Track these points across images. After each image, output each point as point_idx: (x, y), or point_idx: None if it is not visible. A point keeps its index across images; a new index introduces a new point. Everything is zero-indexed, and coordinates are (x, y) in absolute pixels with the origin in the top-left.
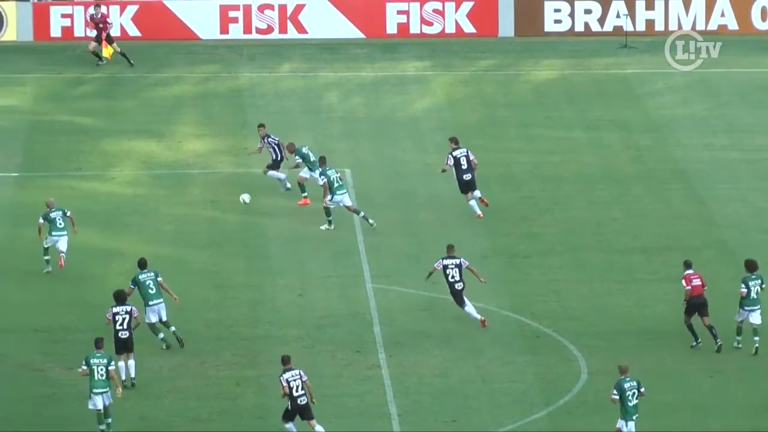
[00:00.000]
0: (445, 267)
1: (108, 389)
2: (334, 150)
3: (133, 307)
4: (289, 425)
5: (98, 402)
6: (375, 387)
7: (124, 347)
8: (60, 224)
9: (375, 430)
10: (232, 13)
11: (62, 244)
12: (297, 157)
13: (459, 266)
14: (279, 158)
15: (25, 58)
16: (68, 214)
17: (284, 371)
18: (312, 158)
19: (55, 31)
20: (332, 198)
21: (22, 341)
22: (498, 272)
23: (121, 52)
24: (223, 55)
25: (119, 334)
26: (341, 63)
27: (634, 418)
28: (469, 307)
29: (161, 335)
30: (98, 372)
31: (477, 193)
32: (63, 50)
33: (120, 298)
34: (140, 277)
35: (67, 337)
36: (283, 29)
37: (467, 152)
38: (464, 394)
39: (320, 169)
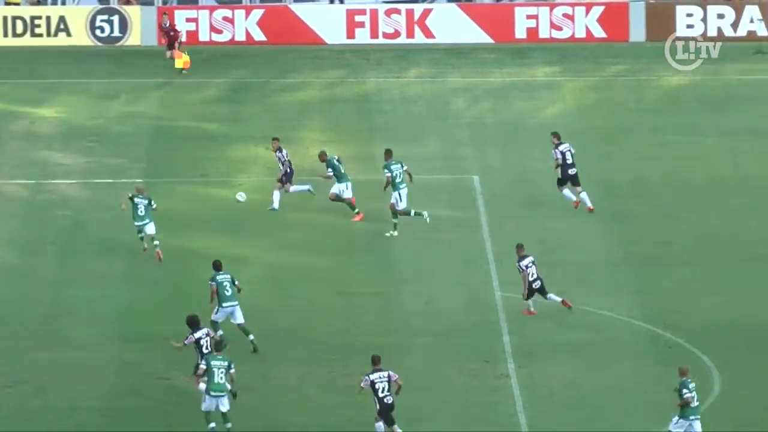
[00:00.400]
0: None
1: (225, 393)
2: (462, 156)
3: (210, 330)
4: (379, 425)
5: (212, 404)
6: (504, 397)
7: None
8: (141, 212)
9: None
10: (358, 18)
11: (149, 229)
12: (328, 168)
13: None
14: (290, 172)
15: (149, 63)
16: (154, 206)
17: (373, 371)
18: (342, 169)
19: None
20: (397, 197)
21: (148, 349)
22: (629, 281)
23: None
24: (349, 60)
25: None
26: (469, 68)
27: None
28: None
29: (220, 332)
30: (218, 374)
31: (584, 194)
32: (188, 55)
33: (194, 323)
34: (218, 278)
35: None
36: (410, 34)
37: (570, 146)
38: (596, 404)
39: (385, 162)
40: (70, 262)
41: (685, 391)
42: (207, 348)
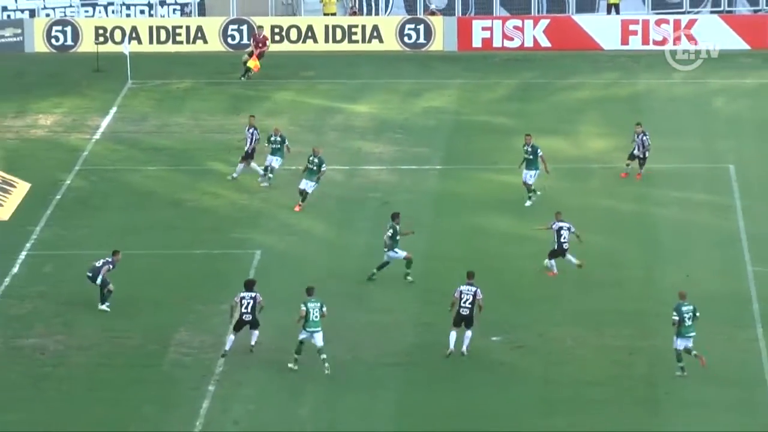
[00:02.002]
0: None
1: (320, 329)
2: (719, 148)
3: (258, 294)
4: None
5: (305, 336)
6: (752, 358)
7: (243, 326)
8: (276, 147)
9: (752, 397)
10: (632, 27)
11: (275, 162)
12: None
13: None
14: (251, 150)
15: (449, 66)
16: (286, 143)
17: (465, 283)
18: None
19: (476, 42)
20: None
21: (443, 313)
22: None
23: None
24: (623, 64)
25: (243, 317)
26: (728, 71)
27: (691, 335)
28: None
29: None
30: (313, 313)
31: None
32: (483, 59)
33: (248, 285)
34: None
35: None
36: (676, 41)
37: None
38: None
39: (525, 146)
40: (378, 238)
41: (674, 314)
42: (246, 308)
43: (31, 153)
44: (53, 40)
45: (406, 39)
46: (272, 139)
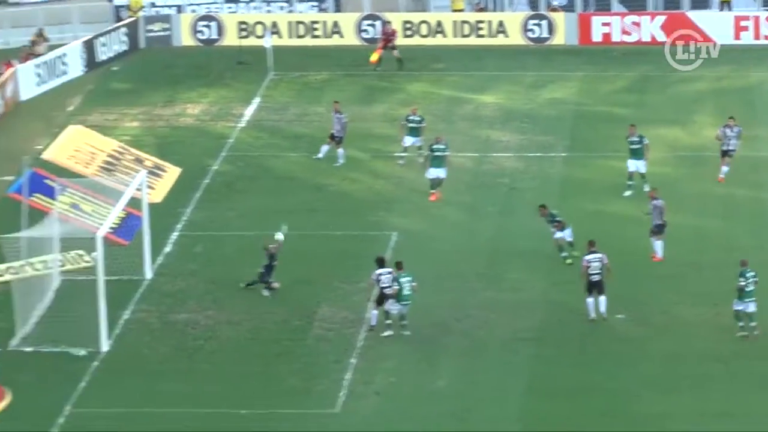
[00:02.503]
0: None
1: (410, 302)
2: None
3: (393, 270)
4: (589, 300)
5: (395, 307)
6: None
7: (385, 299)
8: (413, 126)
9: None
10: (743, 23)
11: (413, 142)
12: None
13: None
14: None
15: (570, 59)
16: (424, 123)
17: (588, 253)
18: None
19: (596, 37)
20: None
21: (571, 291)
22: None
23: (398, 58)
24: (736, 58)
25: (384, 290)
26: None
27: (751, 300)
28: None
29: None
30: (406, 287)
31: None
32: (603, 53)
33: (381, 262)
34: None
35: None
36: None
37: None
38: None
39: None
40: (507, 221)
41: (740, 279)
42: (385, 284)
43: (181, 140)
44: (199, 34)
45: (529, 34)
46: (410, 118)
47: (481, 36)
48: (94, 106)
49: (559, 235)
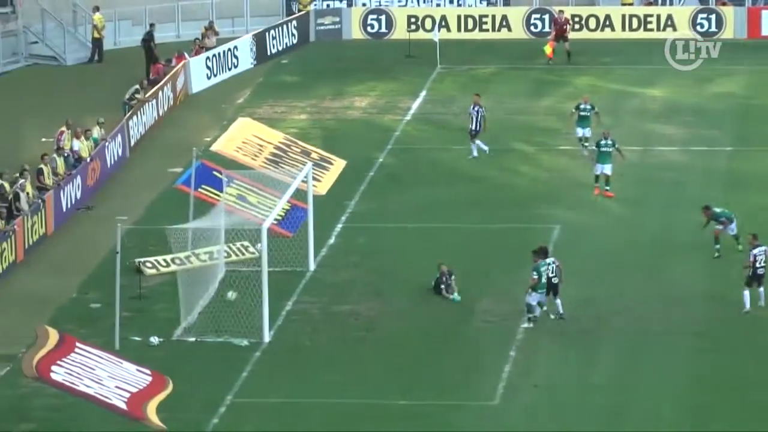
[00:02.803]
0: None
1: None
2: None
3: (555, 259)
4: (746, 292)
5: (536, 299)
6: None
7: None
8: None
9: None
10: None
11: (586, 132)
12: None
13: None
14: (476, 129)
15: (739, 53)
16: (595, 110)
17: (753, 247)
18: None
19: (765, 30)
20: None
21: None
22: None
23: (568, 51)
24: None
25: (552, 280)
26: None
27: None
28: None
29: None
30: (544, 275)
31: None
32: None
33: (543, 252)
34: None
35: None
36: None
37: None
38: None
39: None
40: (671, 215)
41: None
42: (553, 273)
43: (348, 132)
44: (368, 28)
45: (698, 27)
46: (582, 107)
47: (650, 30)
48: (263, 98)
49: (720, 227)
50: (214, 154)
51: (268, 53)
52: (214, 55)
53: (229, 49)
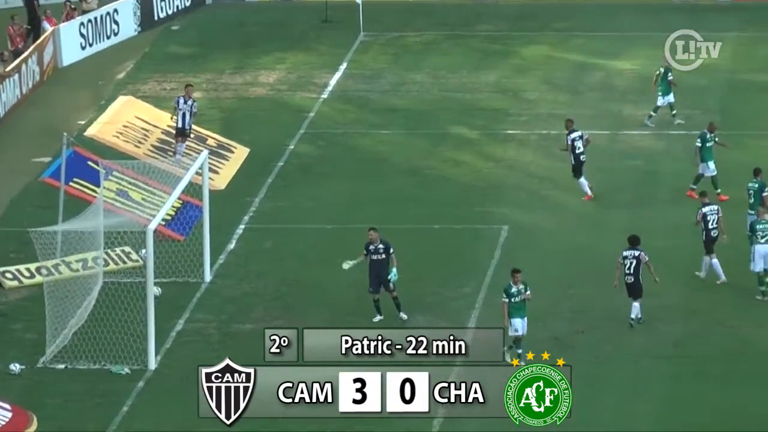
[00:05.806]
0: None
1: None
2: None
3: (642, 252)
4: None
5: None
6: None
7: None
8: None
9: None
10: None
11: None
12: None
13: None
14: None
15: (722, 17)
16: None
17: (703, 205)
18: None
19: None
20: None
21: (713, 300)
22: None
23: None
24: None
25: (626, 278)
26: None
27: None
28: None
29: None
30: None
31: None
32: (762, 9)
33: (634, 241)
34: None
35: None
36: None
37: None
38: None
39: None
40: (641, 212)
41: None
42: (629, 269)
43: (251, 114)
44: None
45: None
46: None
47: None
48: (149, 73)
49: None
50: (90, 140)
51: (156, 18)
52: (89, 21)
53: (108, 13)
